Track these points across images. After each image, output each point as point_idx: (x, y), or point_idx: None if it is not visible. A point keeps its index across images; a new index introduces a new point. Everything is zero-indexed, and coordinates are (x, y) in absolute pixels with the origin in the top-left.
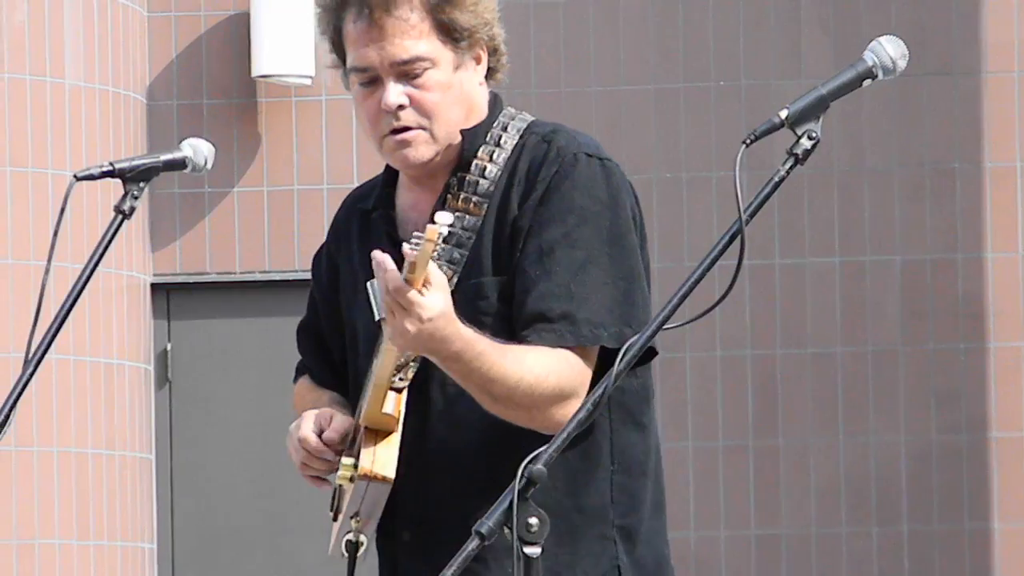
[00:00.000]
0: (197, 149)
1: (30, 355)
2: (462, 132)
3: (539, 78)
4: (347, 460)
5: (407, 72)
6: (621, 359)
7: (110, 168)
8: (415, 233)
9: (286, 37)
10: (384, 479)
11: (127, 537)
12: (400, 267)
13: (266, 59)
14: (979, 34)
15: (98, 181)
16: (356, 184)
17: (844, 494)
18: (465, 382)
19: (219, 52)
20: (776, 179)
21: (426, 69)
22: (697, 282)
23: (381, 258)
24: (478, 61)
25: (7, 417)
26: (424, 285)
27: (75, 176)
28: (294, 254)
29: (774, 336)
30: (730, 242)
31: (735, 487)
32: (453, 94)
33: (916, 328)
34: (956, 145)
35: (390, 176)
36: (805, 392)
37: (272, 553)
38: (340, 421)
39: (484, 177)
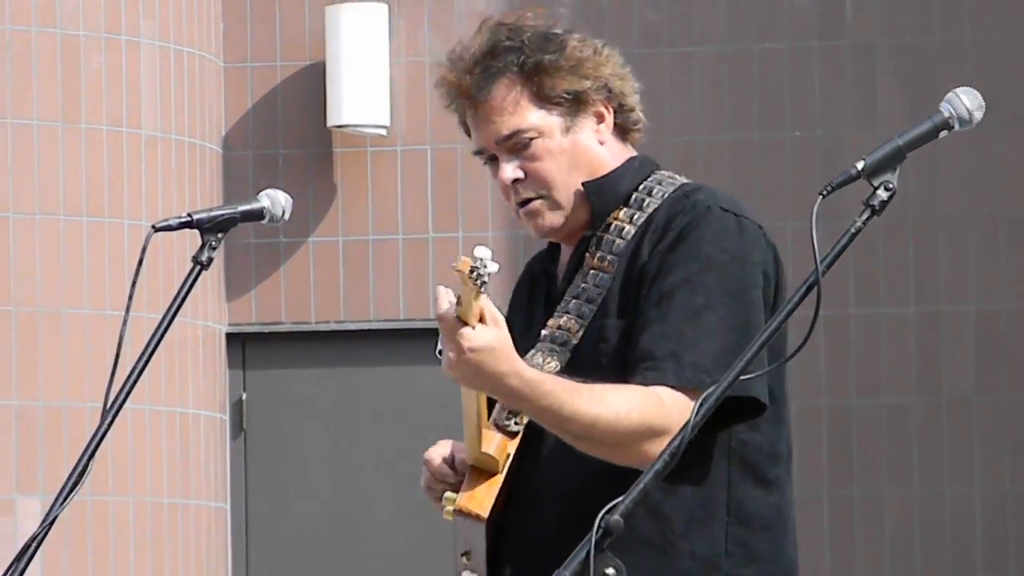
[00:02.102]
0: (275, 200)
1: (108, 405)
2: (584, 185)
3: None
4: (450, 495)
5: (514, 147)
6: (697, 410)
7: (188, 219)
8: (452, 264)
9: (361, 87)
10: (477, 516)
11: None
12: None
13: (341, 109)
14: None
15: (176, 232)
16: (431, 234)
17: (919, 545)
18: (540, 421)
19: (295, 102)
20: (852, 230)
21: (532, 139)
22: (774, 333)
23: (440, 294)
24: (600, 119)
25: (85, 467)
26: (481, 320)
27: (153, 227)
28: (369, 304)
29: (849, 386)
30: (806, 293)
31: (811, 538)
32: (567, 158)
33: (990, 378)
34: None
35: None
36: (879, 442)
37: None
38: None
39: (622, 238)
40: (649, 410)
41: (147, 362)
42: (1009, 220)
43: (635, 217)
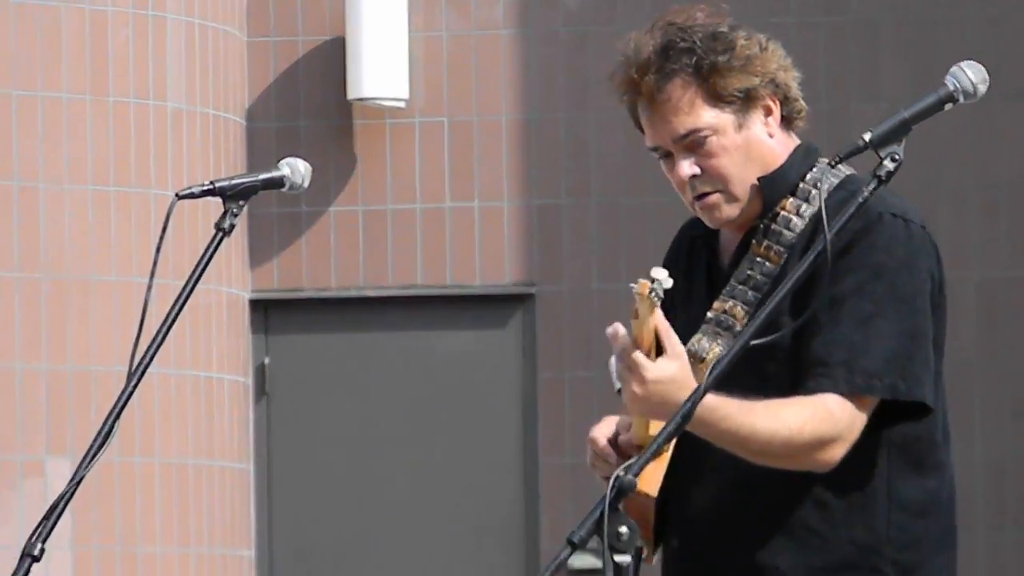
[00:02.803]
0: (294, 168)
1: (133, 369)
2: (760, 179)
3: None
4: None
5: (690, 145)
6: (710, 374)
7: (211, 187)
8: (631, 285)
9: (380, 61)
10: (647, 495)
11: (227, 545)
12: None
13: (361, 82)
14: None
15: (199, 200)
16: (448, 203)
17: None
18: (719, 443)
19: (315, 75)
20: (860, 199)
21: (707, 137)
22: (785, 297)
23: (612, 331)
24: (768, 112)
25: (111, 428)
26: (660, 353)
27: (177, 195)
28: (387, 271)
29: None
30: (816, 259)
31: None
32: (741, 153)
33: (992, 344)
34: None
35: None
36: None
37: (365, 563)
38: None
39: (789, 229)
40: (821, 424)
41: (171, 327)
42: (1009, 190)
43: (801, 208)
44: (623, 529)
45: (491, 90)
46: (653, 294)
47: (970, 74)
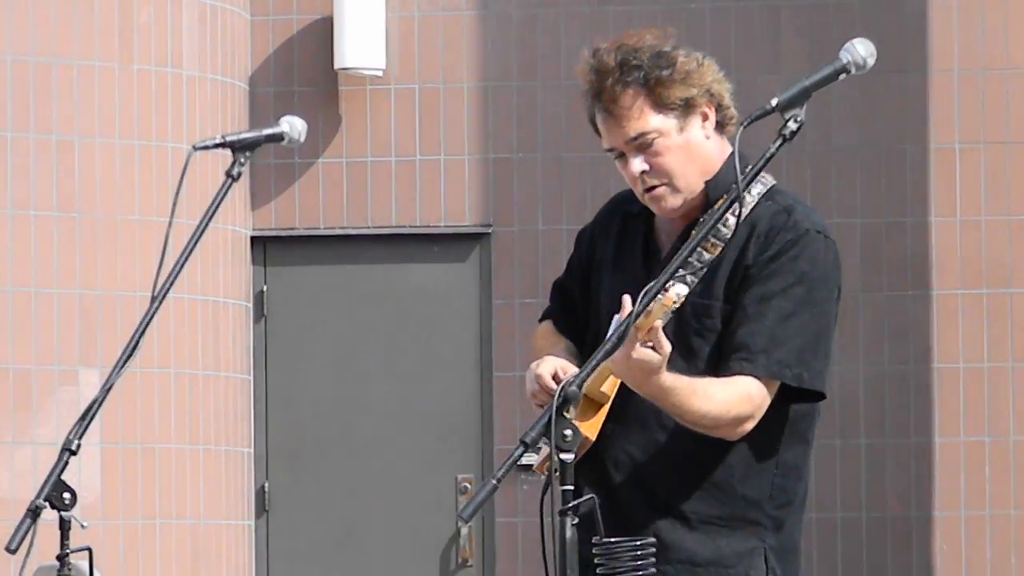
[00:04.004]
0: (293, 125)
1: (155, 293)
2: (707, 183)
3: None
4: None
5: (640, 145)
6: (643, 298)
7: (222, 140)
8: (659, 297)
9: (362, 37)
10: (587, 439)
11: (230, 443)
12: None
13: (345, 54)
14: (926, 39)
15: (211, 151)
16: (418, 156)
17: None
18: (663, 408)
19: (307, 49)
20: (767, 155)
21: (654, 139)
22: (700, 242)
23: (627, 304)
24: (705, 118)
25: (136, 344)
26: (651, 341)
27: (193, 147)
28: (367, 213)
29: None
30: (730, 206)
31: None
32: (683, 152)
33: (873, 279)
34: (907, 129)
35: None
36: None
37: (347, 458)
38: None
39: (724, 226)
40: (742, 405)
41: (186, 259)
42: (889, 150)
43: (734, 209)
44: (568, 432)
45: (455, 62)
46: (675, 305)
47: (861, 49)
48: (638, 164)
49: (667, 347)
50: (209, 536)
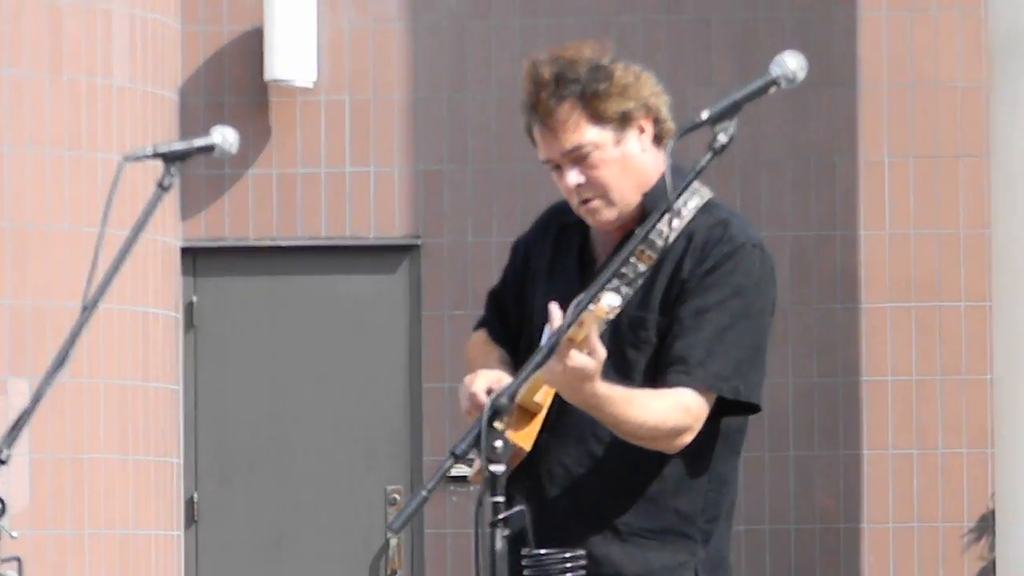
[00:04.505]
0: (224, 136)
1: (85, 304)
2: (643, 196)
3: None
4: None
5: (576, 158)
6: (574, 309)
7: (154, 151)
8: (590, 307)
9: (292, 48)
10: (522, 449)
11: (159, 453)
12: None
13: (275, 66)
14: (856, 52)
15: (141, 162)
16: (348, 168)
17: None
18: (599, 419)
19: (238, 60)
20: (698, 168)
21: (589, 152)
22: (631, 254)
23: (556, 314)
24: (641, 131)
25: (66, 354)
26: (586, 349)
27: (124, 158)
28: (297, 224)
29: None
30: (661, 217)
31: None
32: (619, 165)
33: (802, 292)
34: (836, 142)
35: None
36: None
37: (277, 469)
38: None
39: (659, 238)
40: (680, 417)
41: (117, 270)
42: (818, 162)
43: (673, 223)
44: (498, 444)
45: (385, 74)
46: (608, 316)
47: (791, 63)
48: (574, 177)
49: (602, 352)
50: (138, 547)
